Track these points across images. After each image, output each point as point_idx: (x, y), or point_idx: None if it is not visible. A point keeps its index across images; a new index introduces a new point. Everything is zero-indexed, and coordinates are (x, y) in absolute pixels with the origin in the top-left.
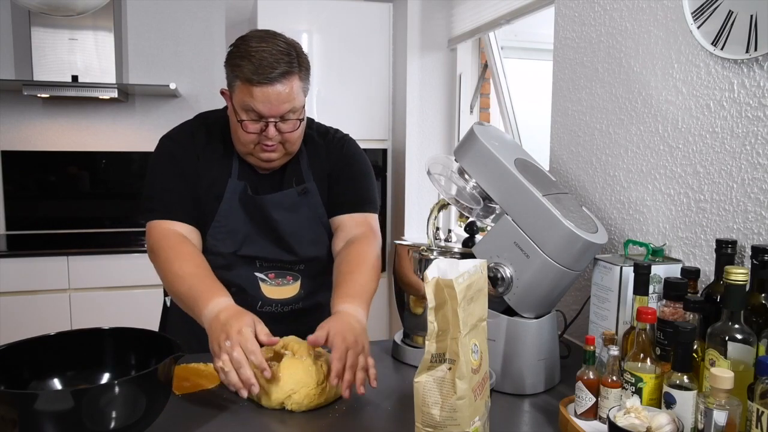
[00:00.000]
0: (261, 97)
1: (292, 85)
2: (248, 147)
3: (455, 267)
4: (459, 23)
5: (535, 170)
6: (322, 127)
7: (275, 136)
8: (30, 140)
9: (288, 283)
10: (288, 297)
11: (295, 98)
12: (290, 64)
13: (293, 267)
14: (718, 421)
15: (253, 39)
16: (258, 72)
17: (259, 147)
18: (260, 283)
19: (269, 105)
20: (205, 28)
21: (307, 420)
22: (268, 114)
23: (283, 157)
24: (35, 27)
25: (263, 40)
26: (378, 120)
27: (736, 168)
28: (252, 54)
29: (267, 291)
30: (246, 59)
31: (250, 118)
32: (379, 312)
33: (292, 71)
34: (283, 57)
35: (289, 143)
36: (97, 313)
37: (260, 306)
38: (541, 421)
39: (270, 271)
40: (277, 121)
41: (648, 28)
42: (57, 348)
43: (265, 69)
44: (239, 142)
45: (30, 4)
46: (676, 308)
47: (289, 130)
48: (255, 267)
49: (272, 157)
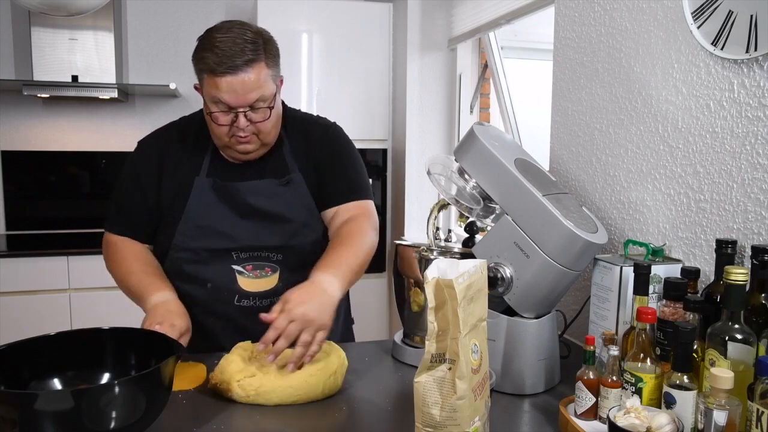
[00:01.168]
0: (226, 87)
1: (258, 72)
2: (223, 140)
3: (455, 267)
4: (459, 23)
5: (535, 170)
6: (306, 115)
7: (247, 126)
8: (30, 140)
9: (266, 275)
10: (266, 289)
11: (262, 86)
12: (255, 52)
13: (271, 257)
14: (718, 421)
15: (218, 30)
16: (221, 62)
17: (234, 139)
18: (237, 276)
19: (235, 95)
20: (205, 28)
21: (306, 420)
22: (236, 104)
23: (260, 148)
24: (35, 27)
25: (228, 30)
26: (378, 120)
27: (736, 168)
28: (216, 45)
29: (244, 284)
30: (209, 51)
31: (220, 110)
32: (379, 312)
33: (258, 59)
34: (247, 45)
35: (263, 134)
36: (97, 313)
37: (237, 300)
38: (541, 421)
39: (247, 263)
40: (247, 110)
41: (648, 28)
42: (57, 348)
43: (229, 58)
44: (214, 135)
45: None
46: (676, 308)
47: (260, 120)
48: (231, 260)
49: (248, 148)
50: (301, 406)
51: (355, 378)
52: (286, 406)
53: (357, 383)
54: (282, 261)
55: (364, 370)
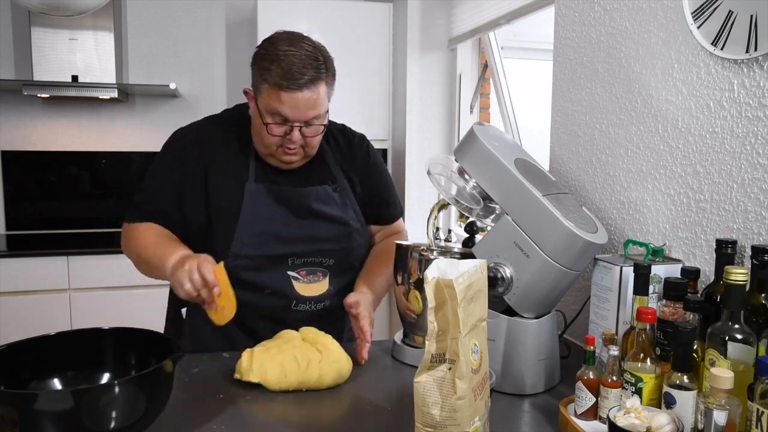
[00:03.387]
0: (289, 102)
1: (319, 91)
2: (270, 149)
3: (455, 267)
4: (459, 23)
5: (535, 170)
6: (337, 125)
7: (299, 140)
8: (30, 140)
9: (318, 279)
10: (319, 294)
11: (321, 104)
12: (318, 70)
13: (324, 262)
14: (718, 421)
15: (281, 42)
16: (287, 77)
17: (282, 149)
18: (293, 281)
19: (297, 110)
20: (205, 28)
21: (307, 420)
22: (295, 119)
23: (302, 159)
24: (35, 27)
25: (291, 43)
26: (378, 120)
27: (736, 168)
28: (281, 58)
29: (300, 289)
30: (275, 63)
31: (276, 122)
32: (379, 312)
33: (320, 77)
34: (311, 62)
35: (309, 147)
36: (97, 313)
37: (294, 305)
38: (541, 421)
39: (301, 268)
40: (302, 126)
41: (648, 28)
42: (57, 348)
43: (294, 74)
44: (262, 143)
45: (30, 4)
46: (676, 308)
47: (311, 135)
48: (287, 266)
49: (293, 159)
50: (300, 407)
51: (355, 378)
52: (285, 406)
53: (357, 383)
54: (333, 266)
55: (364, 369)
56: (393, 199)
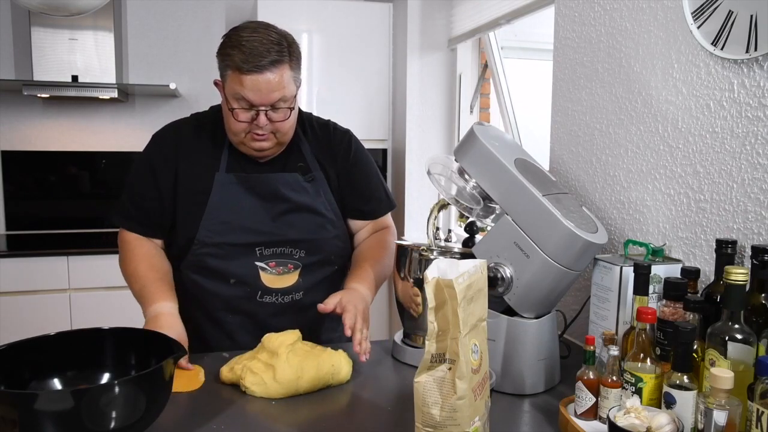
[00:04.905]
0: (251, 85)
1: (282, 73)
2: (239, 136)
3: (455, 267)
4: (459, 23)
5: (535, 170)
6: (320, 119)
7: (266, 124)
8: (30, 140)
9: (288, 271)
10: (287, 286)
11: (285, 87)
12: (280, 53)
13: (294, 254)
14: (718, 421)
15: (245, 29)
16: (248, 60)
17: (250, 136)
18: (260, 272)
19: (259, 93)
20: (205, 28)
21: (307, 420)
22: (259, 102)
23: (275, 146)
24: (35, 27)
25: (255, 30)
26: (378, 120)
27: (736, 168)
28: (243, 44)
29: (267, 280)
30: (236, 48)
31: (241, 107)
32: (379, 312)
33: (282, 60)
34: (273, 46)
35: (280, 133)
36: (97, 313)
37: (260, 296)
38: (541, 421)
39: (270, 259)
40: (268, 109)
41: (648, 28)
42: (57, 348)
43: (255, 57)
44: (230, 131)
45: (30, 4)
46: (676, 308)
47: (279, 119)
48: (255, 256)
49: (264, 146)
50: (300, 407)
51: (356, 378)
52: (285, 405)
53: (357, 383)
54: (304, 258)
55: (364, 370)
56: (378, 194)
